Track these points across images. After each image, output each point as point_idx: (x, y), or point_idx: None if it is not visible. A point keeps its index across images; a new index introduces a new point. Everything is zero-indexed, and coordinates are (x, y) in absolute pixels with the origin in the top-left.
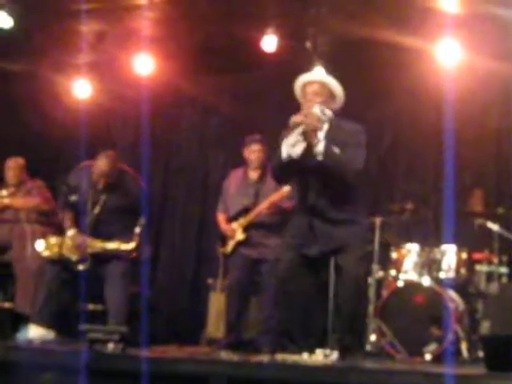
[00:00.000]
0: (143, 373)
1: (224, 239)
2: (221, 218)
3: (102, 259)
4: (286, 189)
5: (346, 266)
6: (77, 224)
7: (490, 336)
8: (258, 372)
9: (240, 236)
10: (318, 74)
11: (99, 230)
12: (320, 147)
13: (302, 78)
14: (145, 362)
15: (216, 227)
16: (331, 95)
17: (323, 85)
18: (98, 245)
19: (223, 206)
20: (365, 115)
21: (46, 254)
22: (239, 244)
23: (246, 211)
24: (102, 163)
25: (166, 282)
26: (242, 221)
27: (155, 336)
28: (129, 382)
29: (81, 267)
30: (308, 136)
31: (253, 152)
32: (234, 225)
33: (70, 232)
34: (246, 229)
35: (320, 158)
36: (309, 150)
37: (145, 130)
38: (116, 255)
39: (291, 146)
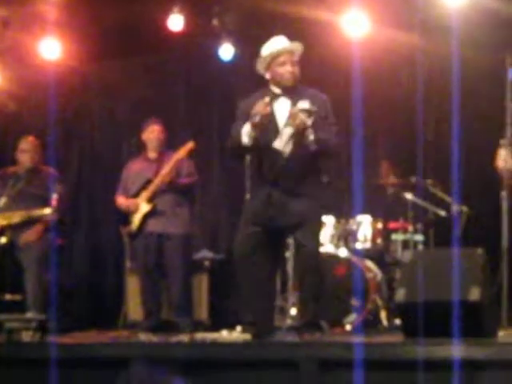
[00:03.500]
0: (61, 360)
1: (127, 219)
2: (120, 198)
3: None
4: (190, 144)
5: (303, 242)
6: None
7: (405, 303)
8: (179, 352)
9: (145, 208)
10: (288, 42)
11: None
12: (311, 137)
13: (271, 49)
14: (62, 349)
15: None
16: (297, 61)
17: (292, 53)
18: (15, 216)
19: (123, 188)
20: None
21: None
22: (145, 217)
23: (147, 184)
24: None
25: (86, 267)
26: (145, 193)
27: (76, 322)
28: (49, 371)
29: (2, 240)
30: (299, 135)
31: (152, 132)
32: (138, 199)
33: None
34: (151, 200)
35: (312, 147)
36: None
37: (55, 116)
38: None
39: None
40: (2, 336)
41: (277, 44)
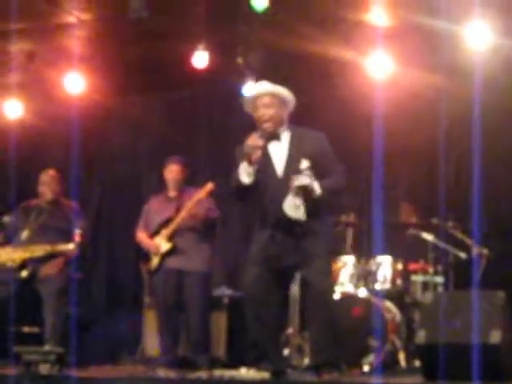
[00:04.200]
0: None
1: (148, 256)
2: (141, 235)
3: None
4: (210, 185)
5: (312, 280)
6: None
7: (425, 345)
8: None
9: (165, 247)
10: (265, 86)
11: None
12: (318, 193)
13: (251, 93)
14: (81, 383)
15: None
16: (283, 103)
17: (273, 95)
18: (38, 249)
19: (143, 224)
20: None
21: None
22: (165, 256)
23: (168, 222)
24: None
25: (104, 302)
26: (166, 231)
27: (93, 356)
28: None
29: (23, 274)
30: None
31: (170, 172)
32: (157, 239)
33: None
34: (171, 238)
35: (322, 197)
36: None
37: (77, 150)
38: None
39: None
40: (21, 368)
41: (256, 88)
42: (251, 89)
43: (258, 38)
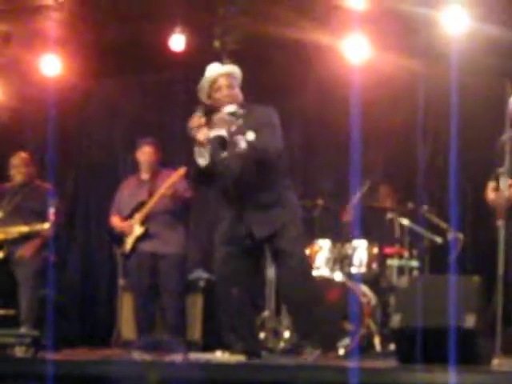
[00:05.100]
0: (54, 377)
1: (121, 239)
2: (114, 219)
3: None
4: (182, 170)
5: (284, 249)
6: None
7: (400, 329)
8: (172, 372)
9: (138, 230)
10: (220, 68)
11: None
12: (242, 145)
13: (209, 77)
14: (56, 366)
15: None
16: (236, 81)
17: (229, 75)
18: (13, 230)
19: (116, 208)
20: None
21: None
22: (138, 240)
23: (141, 206)
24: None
25: (79, 285)
26: (139, 215)
27: (68, 339)
28: None
29: None
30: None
31: (143, 154)
32: (131, 221)
33: None
34: (144, 222)
35: (248, 151)
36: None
37: (53, 131)
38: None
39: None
40: None
41: (211, 70)
42: (206, 75)
43: (234, 21)
